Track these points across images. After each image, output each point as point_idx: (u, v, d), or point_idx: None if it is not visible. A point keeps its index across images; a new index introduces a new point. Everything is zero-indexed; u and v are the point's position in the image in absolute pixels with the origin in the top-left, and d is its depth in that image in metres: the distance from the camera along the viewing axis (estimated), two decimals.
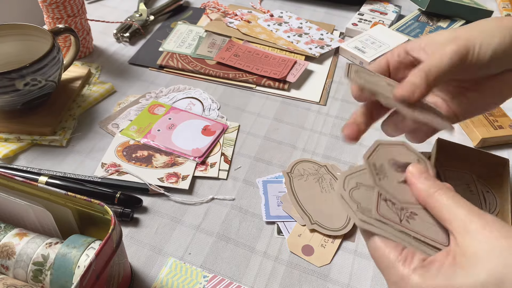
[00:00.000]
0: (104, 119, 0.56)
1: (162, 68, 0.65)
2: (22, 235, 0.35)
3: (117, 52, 0.68)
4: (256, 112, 0.59)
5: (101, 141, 0.53)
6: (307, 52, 0.68)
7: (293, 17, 0.77)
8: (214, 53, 0.67)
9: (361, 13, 0.77)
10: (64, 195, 0.35)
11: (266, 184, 0.49)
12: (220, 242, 0.43)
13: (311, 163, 0.51)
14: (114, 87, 0.61)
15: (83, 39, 0.65)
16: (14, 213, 0.37)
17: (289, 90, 0.62)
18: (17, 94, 0.49)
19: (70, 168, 0.50)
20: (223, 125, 0.56)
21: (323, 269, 0.41)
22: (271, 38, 0.71)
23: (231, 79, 0.63)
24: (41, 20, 0.65)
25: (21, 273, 0.33)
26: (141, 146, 0.52)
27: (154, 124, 0.55)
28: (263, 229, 0.45)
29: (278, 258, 0.42)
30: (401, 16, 0.79)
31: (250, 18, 0.76)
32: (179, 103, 0.59)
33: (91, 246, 0.34)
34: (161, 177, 0.48)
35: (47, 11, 0.61)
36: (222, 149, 0.53)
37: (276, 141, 0.54)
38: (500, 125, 0.55)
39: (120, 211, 0.44)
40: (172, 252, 0.42)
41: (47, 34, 0.53)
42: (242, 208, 0.47)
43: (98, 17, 0.75)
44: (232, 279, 0.40)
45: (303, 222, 0.45)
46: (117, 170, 0.49)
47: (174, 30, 0.73)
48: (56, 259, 0.33)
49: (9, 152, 0.50)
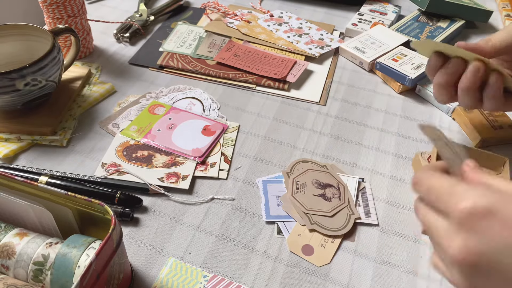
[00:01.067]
0: (104, 119, 0.56)
1: (162, 68, 0.65)
2: (22, 235, 0.35)
3: (117, 52, 0.68)
4: (256, 112, 0.59)
5: (101, 141, 0.53)
6: (307, 52, 0.68)
7: (293, 17, 0.77)
8: (214, 53, 0.67)
9: (361, 13, 0.78)
10: (65, 195, 0.35)
11: (266, 184, 0.49)
12: (220, 242, 0.43)
13: (311, 163, 0.51)
14: (114, 87, 0.61)
15: (83, 39, 0.65)
16: (15, 213, 0.37)
17: (289, 90, 0.62)
18: (18, 94, 0.49)
19: (70, 168, 0.50)
20: (223, 125, 0.56)
21: (323, 269, 0.41)
22: (271, 38, 0.71)
23: (231, 79, 0.63)
24: (41, 20, 0.66)
25: (21, 273, 0.34)
26: (141, 146, 0.52)
27: (154, 124, 0.55)
28: (263, 229, 0.45)
29: (278, 258, 0.42)
30: (401, 16, 0.79)
31: (250, 18, 0.76)
32: (179, 103, 0.59)
33: (91, 246, 0.34)
34: (161, 177, 0.48)
35: (47, 11, 0.61)
36: (222, 149, 0.53)
37: (276, 141, 0.55)
38: (500, 125, 0.55)
39: (120, 211, 0.44)
40: (172, 252, 0.42)
41: (48, 34, 0.53)
42: (242, 208, 0.47)
43: (98, 17, 0.76)
44: (232, 279, 0.40)
45: (303, 222, 0.45)
46: (117, 170, 0.49)
47: (174, 30, 0.73)
48: (56, 259, 0.33)
49: (10, 152, 0.51)
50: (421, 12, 0.76)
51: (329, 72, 0.66)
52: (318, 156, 0.53)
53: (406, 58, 0.64)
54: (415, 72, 0.61)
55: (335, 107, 0.60)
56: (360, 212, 0.46)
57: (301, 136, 0.55)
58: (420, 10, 0.76)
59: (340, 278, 0.41)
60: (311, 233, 0.44)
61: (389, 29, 0.72)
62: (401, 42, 0.68)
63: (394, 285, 0.41)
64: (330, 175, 0.49)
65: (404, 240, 0.44)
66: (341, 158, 0.53)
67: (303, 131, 0.56)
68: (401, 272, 0.42)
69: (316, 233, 0.44)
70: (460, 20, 0.74)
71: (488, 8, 0.78)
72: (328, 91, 0.63)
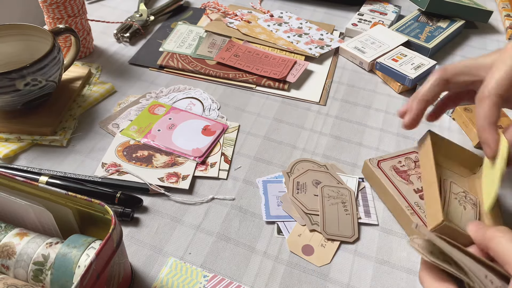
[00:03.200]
0: (104, 119, 0.56)
1: (162, 68, 0.65)
2: (22, 235, 0.35)
3: (117, 52, 0.68)
4: (256, 112, 0.59)
5: (101, 141, 0.53)
6: (307, 52, 0.68)
7: (293, 17, 0.77)
8: (214, 53, 0.67)
9: (361, 13, 0.78)
10: (65, 195, 0.35)
11: (266, 184, 0.49)
12: (220, 242, 0.43)
13: (311, 163, 0.51)
14: (114, 87, 0.61)
15: (84, 39, 0.65)
16: (15, 213, 0.37)
17: (289, 90, 0.62)
18: (18, 94, 0.49)
19: (70, 168, 0.50)
20: (223, 125, 0.56)
21: (323, 269, 0.41)
22: (271, 38, 0.71)
23: (231, 79, 0.63)
24: (41, 20, 0.66)
25: (21, 273, 0.34)
26: (142, 146, 0.52)
27: (154, 124, 0.55)
28: (263, 229, 0.45)
29: (278, 258, 0.42)
30: (401, 16, 0.79)
31: (250, 18, 0.76)
32: (179, 103, 0.59)
33: (92, 246, 0.34)
34: (161, 177, 0.48)
35: (47, 11, 0.61)
36: (222, 149, 0.53)
37: (276, 141, 0.55)
38: (500, 125, 0.55)
39: (120, 211, 0.44)
40: (172, 252, 0.42)
41: (48, 34, 0.53)
42: (242, 208, 0.47)
43: (98, 17, 0.76)
44: (232, 279, 0.40)
45: (303, 222, 0.45)
46: (117, 170, 0.49)
47: (174, 30, 0.73)
48: (56, 258, 0.33)
49: (10, 152, 0.51)
50: (421, 12, 0.76)
51: (329, 72, 0.66)
52: (318, 156, 0.53)
53: (406, 58, 0.64)
54: (415, 72, 0.61)
55: (335, 107, 0.60)
56: (360, 212, 0.46)
57: (301, 136, 0.55)
58: (420, 10, 0.76)
59: (340, 278, 0.41)
60: (311, 233, 0.44)
61: (389, 29, 0.72)
62: (401, 42, 0.68)
63: (394, 285, 0.41)
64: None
65: (404, 240, 0.44)
66: (341, 158, 0.53)
67: (303, 131, 0.56)
68: (401, 272, 0.42)
69: (316, 233, 0.44)
70: (460, 20, 0.74)
71: (488, 8, 0.78)
72: (328, 91, 0.63)
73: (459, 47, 0.73)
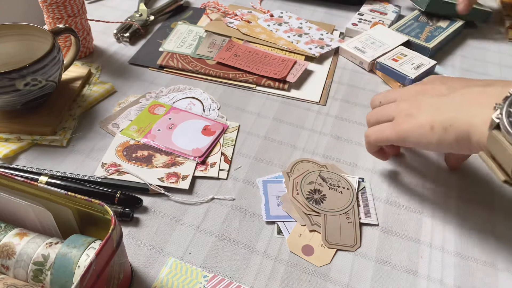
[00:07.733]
0: (104, 119, 0.56)
1: (162, 68, 0.65)
2: (22, 235, 0.35)
3: (117, 52, 0.68)
4: (256, 112, 0.59)
5: (101, 141, 0.53)
6: (307, 52, 0.68)
7: (293, 17, 0.77)
8: (214, 53, 0.67)
9: (361, 13, 0.78)
10: (64, 195, 0.35)
11: (266, 184, 0.49)
12: (220, 242, 0.43)
13: (311, 163, 0.51)
14: (114, 87, 0.61)
15: (83, 39, 0.65)
16: (15, 213, 0.37)
17: (289, 90, 0.62)
18: (17, 94, 0.49)
19: (70, 168, 0.50)
20: (223, 125, 0.56)
21: (323, 269, 0.41)
22: (271, 38, 0.71)
23: (231, 79, 0.63)
24: (41, 20, 0.66)
25: (21, 273, 0.34)
26: (141, 146, 0.52)
27: (154, 124, 0.55)
28: (263, 229, 0.45)
29: (278, 258, 0.42)
30: (401, 16, 0.79)
31: (250, 18, 0.76)
32: (179, 103, 0.59)
33: (92, 246, 0.34)
34: (161, 177, 0.48)
35: (47, 11, 0.61)
36: (222, 149, 0.53)
37: (276, 141, 0.55)
38: None
39: (120, 211, 0.44)
40: (172, 252, 0.42)
41: (47, 34, 0.53)
42: (242, 208, 0.47)
43: (98, 17, 0.76)
44: (232, 279, 0.40)
45: (303, 222, 0.45)
46: (117, 170, 0.49)
47: (174, 30, 0.73)
48: (56, 259, 0.33)
49: (10, 152, 0.51)
50: (421, 12, 0.76)
51: (329, 72, 0.66)
52: (318, 156, 0.53)
53: (406, 58, 0.64)
54: (415, 72, 0.61)
55: (335, 107, 0.60)
56: (360, 212, 0.46)
57: (301, 136, 0.55)
58: (420, 10, 0.76)
59: (340, 278, 0.41)
60: (311, 233, 0.44)
61: (389, 29, 0.72)
62: (401, 42, 0.68)
63: (394, 285, 0.41)
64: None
65: (404, 240, 0.44)
66: (341, 158, 0.53)
67: (303, 131, 0.56)
68: (401, 272, 0.42)
69: (316, 233, 0.44)
70: (460, 20, 0.74)
71: (488, 8, 0.78)
72: (328, 91, 0.63)
73: (459, 47, 0.73)
